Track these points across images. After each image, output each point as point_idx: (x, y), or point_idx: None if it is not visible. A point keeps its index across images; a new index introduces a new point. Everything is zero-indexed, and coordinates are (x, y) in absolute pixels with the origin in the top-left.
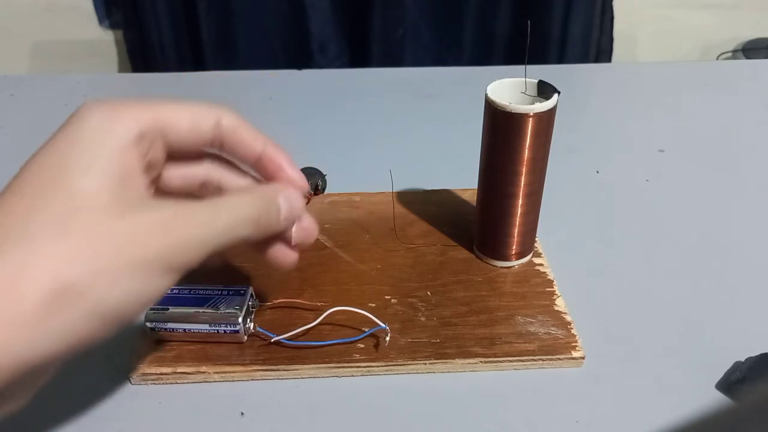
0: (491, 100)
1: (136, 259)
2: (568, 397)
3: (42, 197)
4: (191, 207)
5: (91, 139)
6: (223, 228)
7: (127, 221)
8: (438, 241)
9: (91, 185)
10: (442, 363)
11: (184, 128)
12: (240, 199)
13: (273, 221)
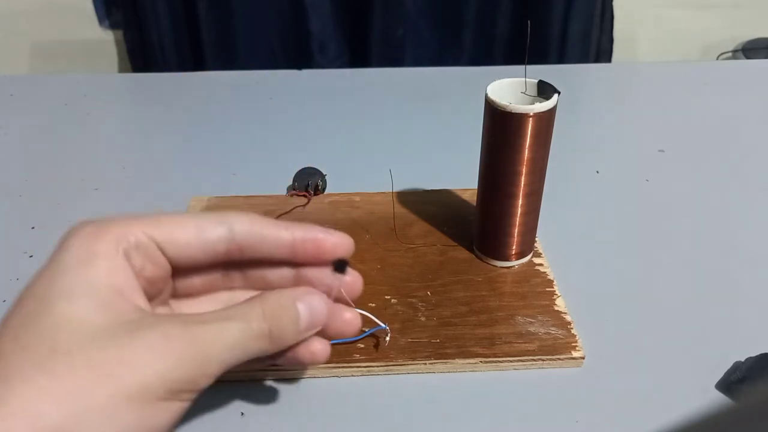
0: (491, 100)
1: (127, 389)
2: (568, 397)
3: (25, 332)
4: (195, 323)
5: (75, 264)
6: (231, 345)
7: (115, 347)
8: (438, 241)
9: (76, 313)
10: (442, 363)
11: (187, 241)
12: (250, 310)
13: (289, 334)
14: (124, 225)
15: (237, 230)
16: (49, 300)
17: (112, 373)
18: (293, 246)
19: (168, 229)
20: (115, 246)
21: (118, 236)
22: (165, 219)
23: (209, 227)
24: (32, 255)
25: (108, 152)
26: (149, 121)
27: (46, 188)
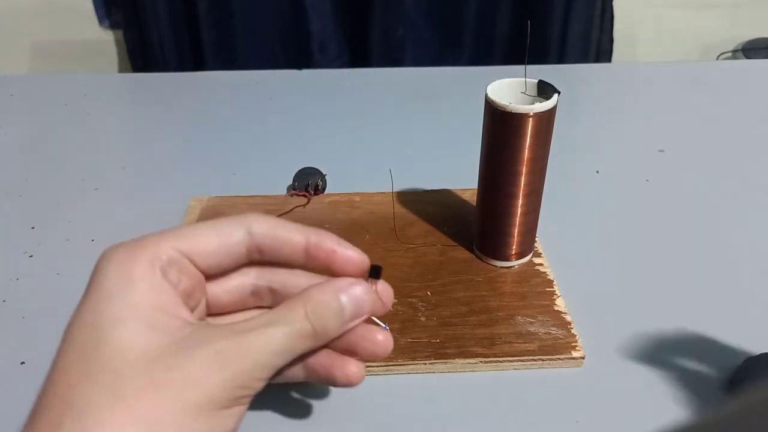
0: (491, 100)
1: (193, 404)
2: (568, 397)
3: (87, 363)
4: (242, 333)
5: (117, 291)
6: (278, 350)
7: (174, 367)
8: (438, 241)
9: (129, 338)
10: (442, 363)
11: (211, 248)
12: (292, 312)
13: (333, 328)
14: (153, 244)
15: (255, 231)
16: (101, 329)
17: (177, 390)
18: (307, 251)
19: (193, 241)
20: (151, 266)
21: (151, 256)
22: (187, 231)
23: (229, 231)
24: (32, 255)
25: (108, 152)
26: (149, 121)
27: (46, 188)
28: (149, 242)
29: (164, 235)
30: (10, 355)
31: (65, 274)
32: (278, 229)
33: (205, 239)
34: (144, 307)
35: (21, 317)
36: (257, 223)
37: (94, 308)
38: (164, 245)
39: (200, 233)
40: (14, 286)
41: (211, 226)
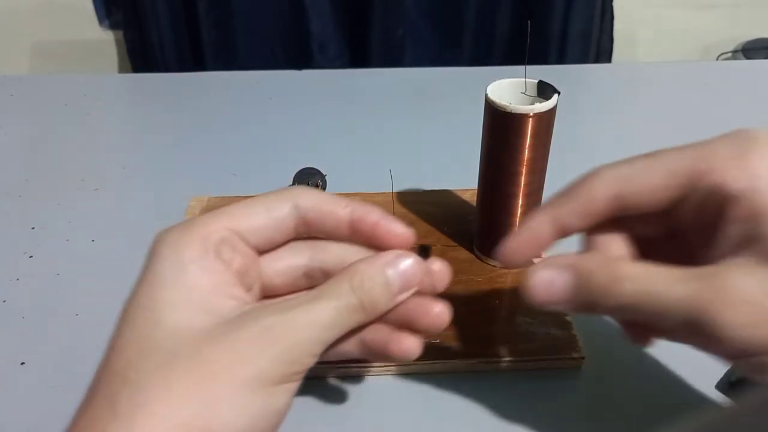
0: (491, 101)
1: (246, 380)
2: (567, 398)
3: (143, 342)
4: (290, 310)
5: (171, 274)
6: (327, 324)
7: (225, 345)
8: (438, 241)
9: (182, 320)
10: (442, 363)
11: (261, 224)
12: (338, 287)
13: (382, 301)
14: (204, 225)
15: (301, 205)
16: (155, 310)
17: (229, 367)
18: (351, 224)
19: (243, 218)
20: (203, 247)
21: (203, 238)
22: (236, 210)
23: (277, 206)
24: (32, 255)
25: (108, 152)
26: (149, 121)
27: (46, 188)
28: (200, 223)
29: (215, 216)
30: (10, 355)
31: (65, 274)
32: (323, 202)
33: (254, 216)
34: (197, 290)
35: (21, 317)
36: (303, 196)
37: (148, 293)
38: (215, 225)
39: (250, 210)
40: (14, 286)
41: (260, 202)
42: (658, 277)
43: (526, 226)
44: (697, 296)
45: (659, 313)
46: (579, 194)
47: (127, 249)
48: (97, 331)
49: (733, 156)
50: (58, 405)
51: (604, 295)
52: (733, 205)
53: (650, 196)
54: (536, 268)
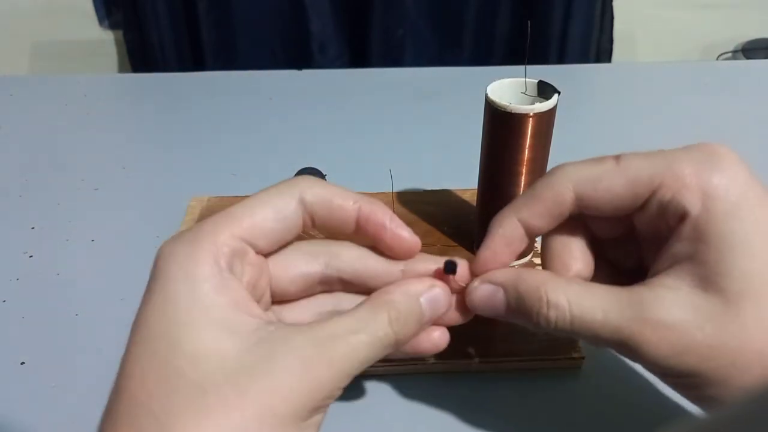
0: (491, 100)
1: (280, 416)
2: (567, 398)
3: (162, 375)
4: (327, 341)
5: (184, 294)
6: (364, 360)
7: (261, 375)
8: (438, 241)
9: (205, 345)
10: (442, 363)
11: (269, 227)
12: (376, 320)
13: (412, 332)
14: (212, 236)
15: (308, 200)
16: (173, 334)
17: (263, 400)
18: (357, 222)
19: (250, 223)
20: (215, 262)
21: (214, 252)
22: (242, 213)
23: (283, 204)
24: (32, 255)
25: (108, 152)
26: (149, 121)
27: (46, 188)
28: (207, 234)
29: (221, 223)
30: (10, 355)
31: (65, 274)
32: (331, 195)
33: (261, 218)
34: (215, 309)
35: (21, 317)
36: (310, 190)
37: (162, 315)
38: (223, 235)
39: (256, 213)
40: (14, 286)
41: (266, 202)
42: (589, 303)
43: (498, 233)
44: (625, 326)
45: (590, 338)
46: (546, 196)
47: (126, 249)
48: (97, 331)
49: (694, 173)
50: (58, 405)
51: (535, 319)
52: (684, 222)
53: (611, 202)
54: (478, 283)
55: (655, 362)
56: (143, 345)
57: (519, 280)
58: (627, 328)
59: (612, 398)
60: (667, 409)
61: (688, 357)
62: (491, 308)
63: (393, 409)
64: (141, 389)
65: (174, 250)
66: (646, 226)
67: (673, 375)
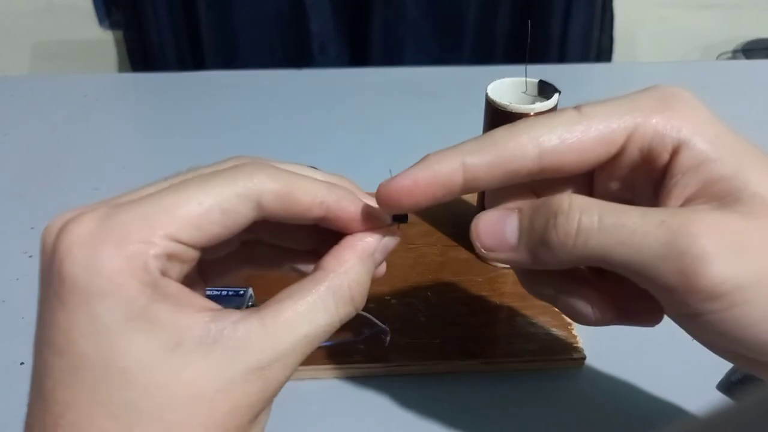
0: (492, 100)
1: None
2: (568, 398)
3: (115, 414)
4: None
5: (116, 321)
6: (308, 353)
7: (218, 398)
8: (438, 241)
9: (153, 377)
10: (442, 363)
11: (212, 231)
12: (338, 304)
13: (353, 308)
14: (143, 237)
15: (267, 207)
16: (115, 367)
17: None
18: (325, 217)
19: (189, 222)
20: (145, 270)
21: (144, 259)
22: (180, 205)
23: (234, 209)
24: (32, 255)
25: (108, 152)
26: (149, 121)
27: (46, 188)
28: (135, 235)
29: (152, 218)
30: (10, 355)
31: None
32: (294, 201)
33: (203, 220)
34: (155, 327)
35: (21, 317)
36: (269, 192)
37: (93, 341)
38: (156, 236)
39: (199, 209)
40: (14, 286)
41: (212, 195)
42: (623, 214)
43: (431, 167)
44: (677, 230)
45: (622, 260)
46: (504, 146)
47: None
48: None
49: (664, 108)
50: None
51: (552, 232)
52: (680, 152)
53: (581, 154)
54: (485, 211)
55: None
56: (81, 375)
57: (536, 201)
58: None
59: (613, 398)
60: (668, 409)
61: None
62: (496, 234)
63: (394, 409)
64: (89, 423)
65: (94, 256)
66: (618, 178)
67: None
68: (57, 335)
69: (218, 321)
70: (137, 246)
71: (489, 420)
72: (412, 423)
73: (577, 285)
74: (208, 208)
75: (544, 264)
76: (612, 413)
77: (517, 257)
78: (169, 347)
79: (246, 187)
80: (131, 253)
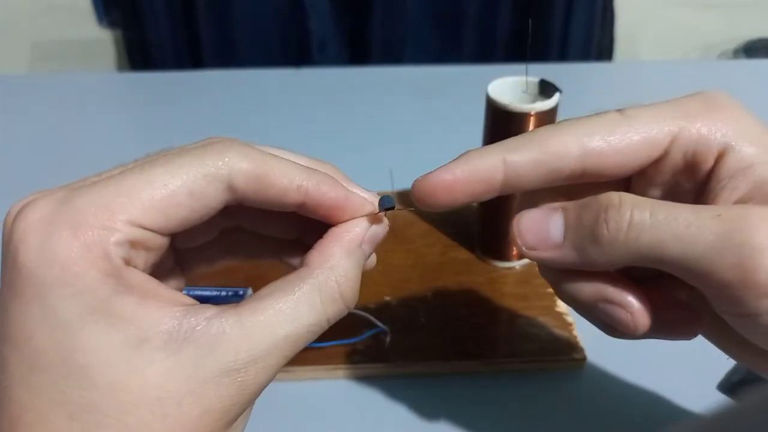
0: (492, 99)
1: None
2: (568, 399)
3: (74, 415)
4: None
5: (76, 315)
6: (290, 356)
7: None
8: (438, 241)
9: (114, 375)
10: (443, 364)
11: (179, 215)
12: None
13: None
14: (103, 222)
15: (239, 187)
16: (74, 366)
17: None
18: (304, 204)
19: (153, 205)
20: (106, 259)
21: (105, 246)
22: (143, 187)
23: (204, 191)
24: None
25: (107, 151)
26: (148, 120)
27: (45, 187)
28: (94, 220)
29: (113, 201)
30: None
31: None
32: (268, 183)
33: (169, 202)
34: (117, 321)
35: None
36: (241, 172)
37: (49, 337)
38: (118, 221)
39: (163, 190)
40: None
41: (178, 176)
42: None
43: (471, 163)
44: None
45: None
46: (547, 143)
47: None
48: None
49: (707, 112)
50: None
51: (601, 226)
52: (726, 155)
53: (625, 156)
54: (527, 210)
55: None
56: (39, 372)
57: (583, 200)
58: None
59: (614, 398)
60: (669, 410)
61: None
62: (540, 232)
63: (394, 409)
64: (47, 426)
65: (47, 243)
66: (658, 184)
67: None
68: (12, 329)
69: (190, 316)
70: (96, 232)
71: (489, 420)
72: (412, 423)
73: (617, 289)
74: (173, 191)
75: (590, 263)
76: (613, 414)
77: (561, 255)
78: (133, 343)
79: (215, 166)
80: (89, 239)
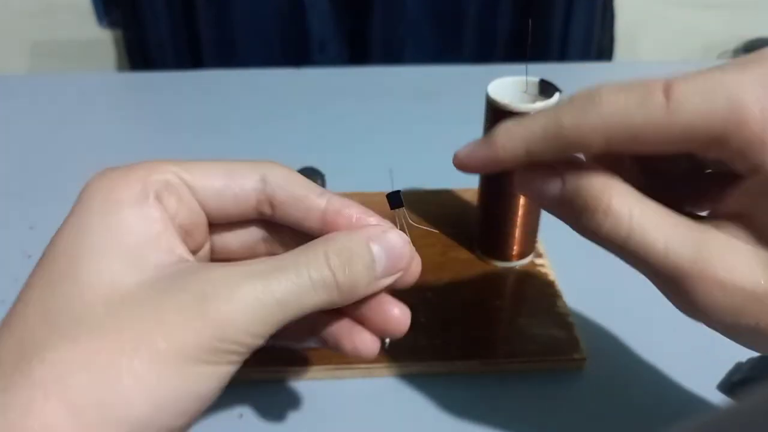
0: (492, 99)
1: (161, 355)
2: (569, 399)
3: (49, 299)
4: (236, 277)
5: (98, 218)
6: (281, 301)
7: (147, 308)
8: (438, 241)
9: (101, 273)
10: (443, 364)
11: (218, 186)
12: (309, 257)
13: (362, 282)
14: (150, 167)
15: (270, 180)
16: (72, 261)
17: (141, 335)
18: (324, 216)
19: (199, 173)
20: (143, 189)
21: (144, 178)
22: (194, 163)
23: (240, 173)
24: (31, 255)
25: (107, 151)
26: (148, 120)
27: (46, 188)
28: (144, 165)
29: (166, 161)
30: None
31: None
32: (296, 184)
33: (213, 175)
34: (126, 238)
35: None
36: (273, 171)
37: (70, 237)
38: (162, 167)
39: (207, 167)
40: (14, 286)
41: (221, 164)
42: (653, 226)
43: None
44: (686, 267)
45: (638, 261)
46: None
47: None
48: None
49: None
50: None
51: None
52: (754, 176)
53: (647, 149)
54: None
55: (711, 316)
56: (42, 269)
57: (583, 174)
58: (689, 270)
59: (614, 399)
60: (670, 410)
61: (746, 315)
62: (541, 193)
63: (394, 409)
64: (20, 314)
65: (102, 176)
66: (702, 162)
67: (729, 330)
68: (47, 247)
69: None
70: (139, 170)
71: (489, 421)
72: (413, 424)
73: None
74: (215, 169)
75: None
76: (613, 414)
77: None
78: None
79: (252, 163)
80: (131, 174)
